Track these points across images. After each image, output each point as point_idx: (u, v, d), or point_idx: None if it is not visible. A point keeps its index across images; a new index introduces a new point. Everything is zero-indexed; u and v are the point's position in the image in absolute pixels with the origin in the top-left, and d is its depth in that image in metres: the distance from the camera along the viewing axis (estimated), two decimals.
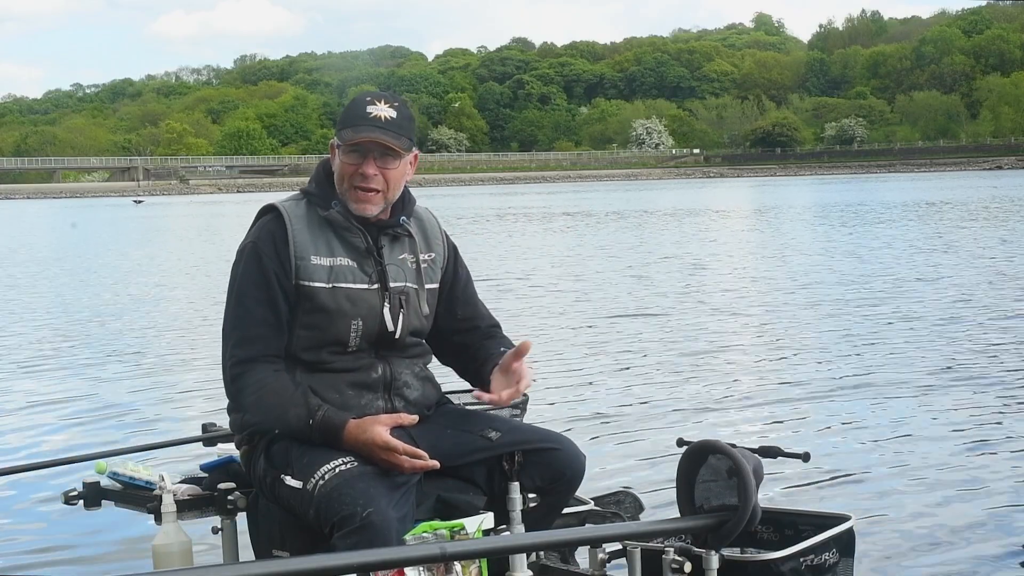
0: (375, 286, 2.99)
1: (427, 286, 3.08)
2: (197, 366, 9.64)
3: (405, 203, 3.09)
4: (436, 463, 2.86)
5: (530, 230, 32.21)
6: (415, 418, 2.96)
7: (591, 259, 20.83)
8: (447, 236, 3.19)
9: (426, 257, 3.10)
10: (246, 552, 3.17)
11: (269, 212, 3.03)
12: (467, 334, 3.18)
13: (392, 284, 3.01)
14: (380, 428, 2.85)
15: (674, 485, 2.80)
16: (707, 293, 14.22)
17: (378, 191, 2.98)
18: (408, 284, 3.04)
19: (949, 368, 8.35)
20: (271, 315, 2.93)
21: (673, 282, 15.72)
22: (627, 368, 8.93)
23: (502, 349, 3.11)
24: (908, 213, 33.82)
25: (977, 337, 9.78)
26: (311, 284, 2.93)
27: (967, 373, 8.15)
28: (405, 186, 3.08)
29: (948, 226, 26.53)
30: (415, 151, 3.06)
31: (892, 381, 7.94)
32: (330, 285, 2.94)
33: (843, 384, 7.93)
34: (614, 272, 17.81)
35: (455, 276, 3.18)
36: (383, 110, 2.97)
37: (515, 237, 28.85)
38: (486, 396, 3.03)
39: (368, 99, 3.00)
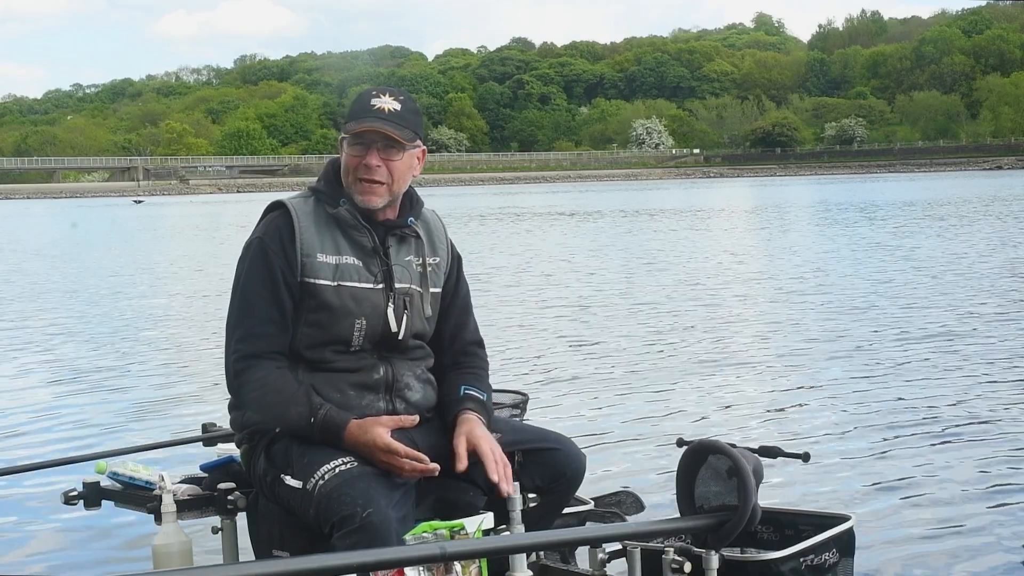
0: (380, 286, 2.98)
1: (431, 289, 3.08)
2: (197, 366, 9.65)
3: (412, 203, 3.09)
4: (437, 467, 2.86)
5: (529, 229, 32.20)
6: (416, 419, 2.96)
7: (590, 258, 20.81)
8: (452, 245, 3.19)
9: (431, 261, 3.09)
10: (246, 552, 3.17)
11: (277, 208, 3.02)
12: (448, 344, 3.15)
13: (397, 285, 3.00)
14: (381, 430, 2.85)
15: (674, 485, 2.80)
16: (707, 292, 14.21)
17: (382, 183, 2.97)
18: (413, 286, 3.04)
19: (950, 369, 8.35)
20: (276, 312, 2.93)
21: (673, 281, 15.70)
22: (627, 368, 8.92)
23: (464, 390, 3.06)
24: (912, 212, 33.82)
25: (977, 338, 9.78)
26: (316, 281, 2.93)
27: (968, 374, 8.15)
28: (412, 188, 3.08)
29: (949, 225, 26.52)
30: (422, 146, 3.06)
31: (893, 381, 7.94)
32: (335, 283, 2.94)
33: (844, 384, 7.93)
34: (613, 271, 17.80)
35: (455, 287, 3.17)
36: (387, 102, 2.98)
37: (515, 236, 28.84)
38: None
39: (373, 93, 3.02)
